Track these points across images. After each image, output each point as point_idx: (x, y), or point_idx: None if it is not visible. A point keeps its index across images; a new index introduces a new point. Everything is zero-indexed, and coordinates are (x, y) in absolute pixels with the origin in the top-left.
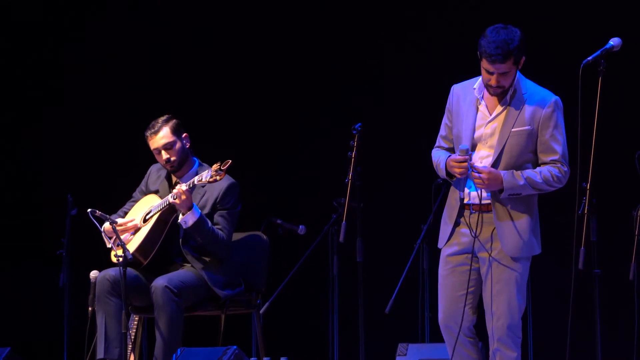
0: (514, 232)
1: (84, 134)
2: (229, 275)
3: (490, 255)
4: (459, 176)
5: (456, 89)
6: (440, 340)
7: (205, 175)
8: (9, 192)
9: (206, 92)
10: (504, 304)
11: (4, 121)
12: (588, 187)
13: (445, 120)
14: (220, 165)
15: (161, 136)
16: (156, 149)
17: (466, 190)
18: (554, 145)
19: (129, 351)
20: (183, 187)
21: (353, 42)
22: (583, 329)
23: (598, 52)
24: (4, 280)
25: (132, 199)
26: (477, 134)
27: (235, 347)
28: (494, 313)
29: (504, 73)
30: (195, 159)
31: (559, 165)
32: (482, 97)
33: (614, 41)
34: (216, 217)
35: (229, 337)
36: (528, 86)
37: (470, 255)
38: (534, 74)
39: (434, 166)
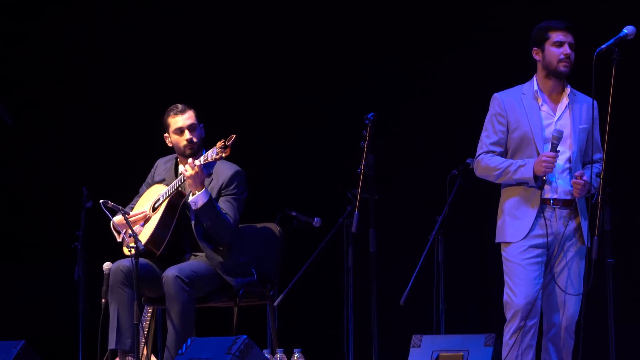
0: (586, 223)
1: (99, 127)
2: (241, 265)
3: (567, 248)
4: (543, 172)
5: (503, 96)
6: (454, 331)
7: (211, 153)
8: (24, 186)
9: (221, 83)
10: (576, 296)
11: (20, 116)
12: (602, 176)
13: (497, 127)
14: (224, 141)
15: (187, 116)
16: (180, 127)
17: (551, 184)
18: (600, 144)
19: (141, 343)
20: (196, 161)
21: (370, 31)
22: (596, 318)
23: (612, 40)
24: (19, 274)
25: (138, 194)
26: (546, 132)
27: (245, 336)
28: (566, 303)
29: (573, 45)
30: (205, 151)
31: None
32: (543, 98)
33: (628, 29)
34: (221, 203)
35: (242, 329)
36: (570, 87)
37: (545, 250)
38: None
39: (486, 170)
